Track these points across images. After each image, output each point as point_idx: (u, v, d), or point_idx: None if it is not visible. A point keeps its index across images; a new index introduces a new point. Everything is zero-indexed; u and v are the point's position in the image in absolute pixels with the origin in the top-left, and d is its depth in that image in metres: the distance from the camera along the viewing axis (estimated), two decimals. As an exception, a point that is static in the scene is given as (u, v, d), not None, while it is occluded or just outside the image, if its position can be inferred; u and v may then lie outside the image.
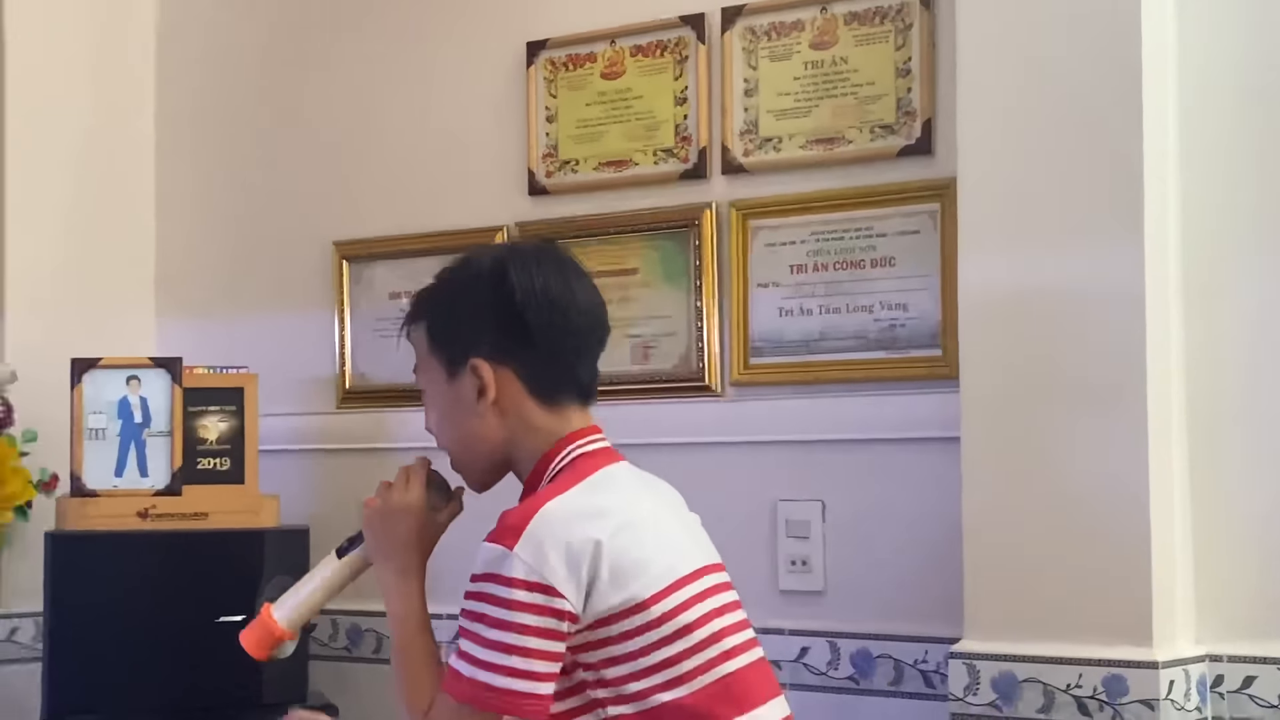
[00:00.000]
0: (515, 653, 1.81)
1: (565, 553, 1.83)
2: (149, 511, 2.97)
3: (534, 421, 1.99)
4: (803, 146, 2.86)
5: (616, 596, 1.84)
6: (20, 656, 3.27)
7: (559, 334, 1.99)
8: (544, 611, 1.81)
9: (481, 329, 1.98)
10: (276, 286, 3.47)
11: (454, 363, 2.00)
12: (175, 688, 2.89)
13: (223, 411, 3.05)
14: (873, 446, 2.76)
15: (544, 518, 1.85)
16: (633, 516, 1.91)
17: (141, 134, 3.62)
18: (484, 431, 1.99)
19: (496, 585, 1.83)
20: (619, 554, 1.85)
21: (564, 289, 2.00)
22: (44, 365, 3.18)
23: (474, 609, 1.85)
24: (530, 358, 1.98)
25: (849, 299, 2.80)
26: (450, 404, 2.02)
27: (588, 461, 1.97)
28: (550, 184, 3.11)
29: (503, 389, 1.98)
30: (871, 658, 2.73)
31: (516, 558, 1.82)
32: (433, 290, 2.08)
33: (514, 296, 1.96)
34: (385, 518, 2.06)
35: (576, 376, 2.02)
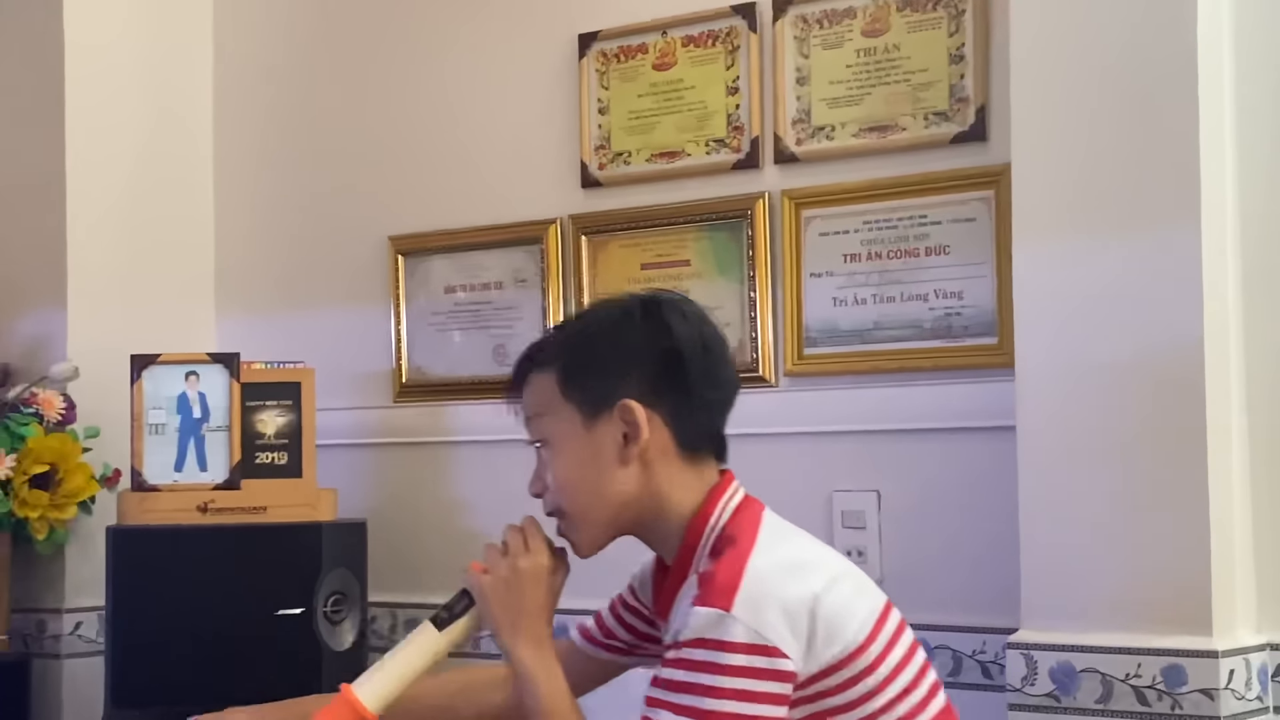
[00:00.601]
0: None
1: (783, 609, 1.68)
2: (208, 505, 3.00)
3: (678, 477, 1.83)
4: (855, 135, 2.84)
5: (833, 648, 1.70)
6: (84, 650, 3.31)
7: (709, 382, 1.85)
8: (767, 675, 1.66)
9: (633, 368, 1.83)
10: (333, 281, 3.49)
11: (594, 406, 1.83)
12: (235, 680, 2.91)
13: (280, 406, 3.08)
14: (928, 436, 2.74)
15: (755, 574, 1.70)
16: (828, 562, 1.80)
17: (200, 132, 3.66)
18: (621, 484, 1.82)
19: (712, 651, 1.66)
20: (831, 604, 1.71)
21: (715, 337, 1.89)
22: (105, 362, 3.21)
23: (683, 679, 1.67)
24: (681, 405, 1.83)
25: (903, 288, 2.79)
26: (584, 454, 1.84)
27: (747, 511, 1.83)
28: (603, 176, 3.11)
29: (651, 437, 1.81)
30: (929, 648, 2.69)
31: (734, 619, 1.66)
32: (566, 333, 1.93)
33: (671, 336, 1.83)
34: (515, 586, 1.86)
35: (717, 430, 1.88)
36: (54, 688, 3.30)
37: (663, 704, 1.68)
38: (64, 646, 3.31)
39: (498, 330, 3.25)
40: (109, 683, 2.93)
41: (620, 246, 3.09)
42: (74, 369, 3.28)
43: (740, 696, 1.66)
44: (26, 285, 3.47)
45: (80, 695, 3.26)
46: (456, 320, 3.31)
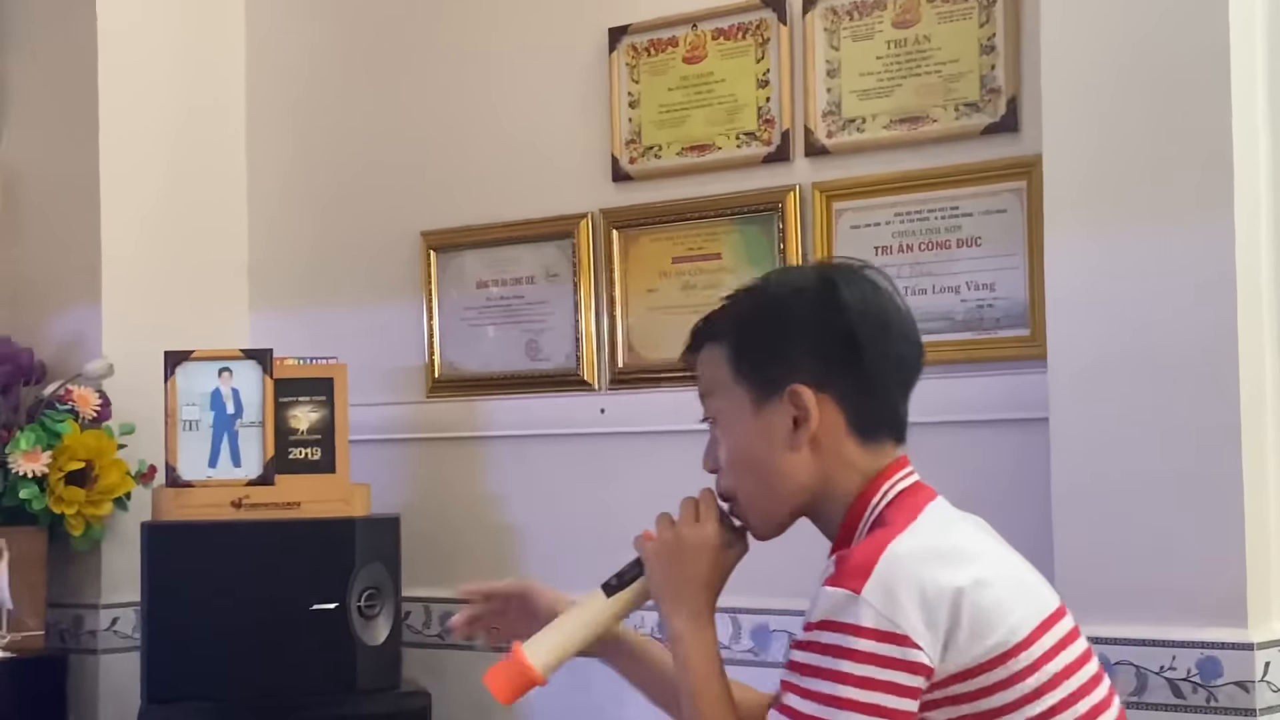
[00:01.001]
0: (862, 710, 1.57)
1: (920, 598, 1.59)
2: (242, 501, 3.01)
3: (849, 460, 1.75)
4: (886, 127, 2.83)
5: (980, 646, 1.60)
6: (121, 646, 3.33)
7: (887, 362, 1.75)
8: (896, 664, 1.57)
9: (804, 350, 1.74)
10: (366, 277, 3.50)
11: (764, 389, 1.75)
12: (270, 674, 2.92)
13: (313, 402, 3.09)
14: (960, 428, 2.73)
15: (893, 558, 1.61)
16: (985, 555, 1.70)
17: (232, 129, 3.67)
18: (793, 469, 1.74)
19: (839, 634, 1.59)
20: (980, 599, 1.61)
21: (896, 312, 1.78)
22: (140, 359, 3.22)
23: (808, 661, 1.61)
24: (855, 387, 1.74)
25: (935, 280, 2.78)
26: (754, 437, 1.76)
27: (911, 496, 1.74)
28: (634, 170, 3.11)
29: (823, 421, 1.73)
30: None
31: (865, 603, 1.58)
32: (740, 306, 1.82)
33: (847, 316, 1.73)
34: (678, 554, 1.81)
35: (897, 411, 1.78)
36: (91, 683, 3.32)
37: (793, 687, 1.63)
38: (101, 642, 3.33)
39: (529, 325, 3.25)
40: (145, 678, 2.95)
41: (651, 240, 3.08)
42: (109, 366, 3.30)
43: (866, 684, 1.58)
44: (61, 283, 3.49)
45: (117, 690, 3.28)
46: (488, 315, 3.31)
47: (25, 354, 3.39)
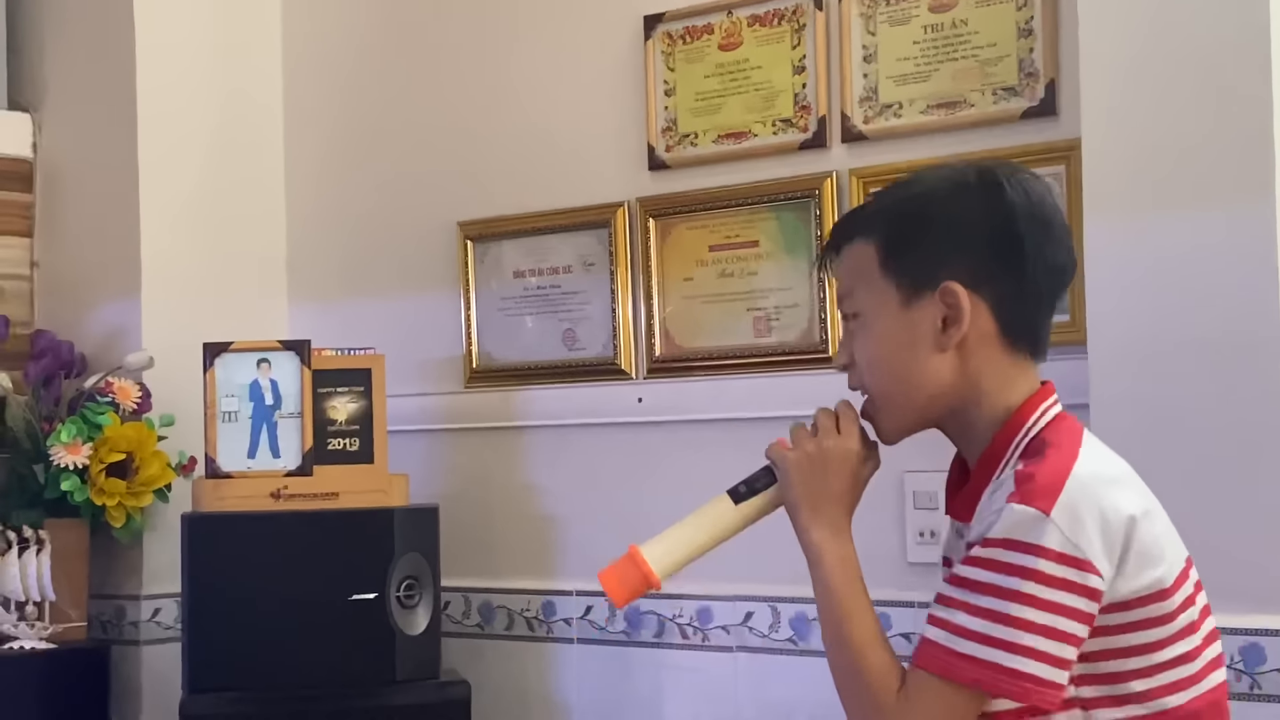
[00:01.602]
0: (1038, 632, 1.54)
1: (1101, 524, 1.56)
2: (281, 492, 3.02)
3: (995, 367, 1.68)
4: (923, 112, 2.82)
5: (1143, 579, 1.58)
6: (162, 637, 3.35)
7: (1047, 265, 1.68)
8: (1076, 589, 1.54)
9: (964, 247, 1.67)
10: (403, 268, 3.51)
11: (915, 285, 1.68)
12: (310, 665, 2.93)
13: (351, 392, 3.09)
14: (1001, 415, 2.71)
15: (1079, 482, 1.57)
16: (1143, 490, 1.66)
17: (270, 121, 3.68)
18: (935, 371, 1.68)
19: (1023, 554, 1.55)
20: (1147, 532, 1.59)
21: (1057, 214, 1.71)
22: (180, 351, 3.24)
23: (983, 579, 1.57)
24: (1012, 290, 1.67)
25: (974, 266, 2.76)
26: (899, 335, 1.69)
27: (1069, 422, 1.69)
28: (670, 158, 3.10)
29: (974, 322, 1.66)
30: (1003, 629, 2.68)
31: (1053, 524, 1.54)
32: (892, 200, 1.75)
33: (1013, 212, 1.66)
34: (820, 465, 1.74)
35: (1043, 324, 1.73)
36: (133, 673, 3.35)
37: (959, 604, 1.58)
38: (143, 633, 3.35)
39: (566, 315, 3.25)
40: (186, 668, 2.96)
41: (688, 229, 3.07)
42: (149, 358, 3.31)
43: (1046, 607, 1.54)
44: (102, 277, 3.52)
45: (159, 681, 3.30)
46: (526, 305, 3.31)
47: (66, 347, 3.41)
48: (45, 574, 3.15)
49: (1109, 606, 1.57)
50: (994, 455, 1.69)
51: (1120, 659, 1.59)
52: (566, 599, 3.20)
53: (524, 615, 3.25)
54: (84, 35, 3.57)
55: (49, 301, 3.60)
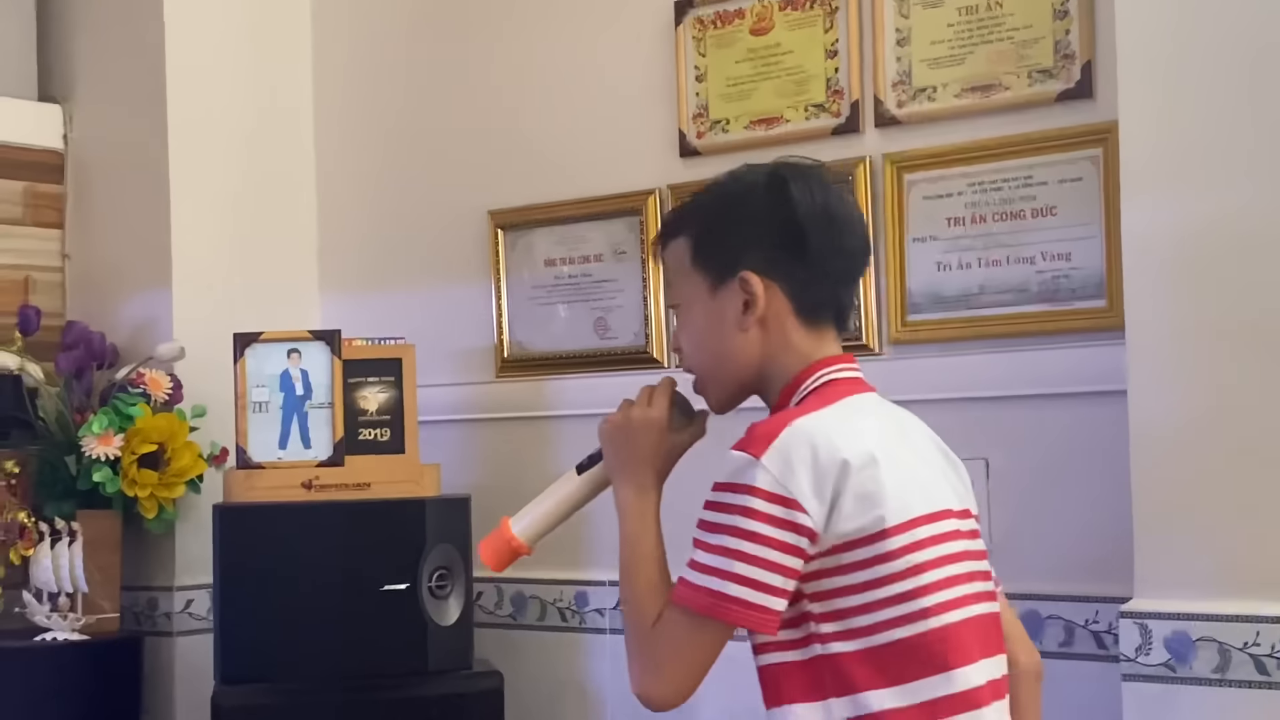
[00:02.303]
0: (752, 562, 1.75)
1: (813, 467, 1.77)
2: (312, 482, 3.01)
3: (793, 340, 1.91)
4: (958, 95, 2.78)
5: (860, 519, 1.77)
6: (195, 628, 3.35)
7: (833, 252, 1.91)
8: (784, 525, 1.75)
9: (755, 240, 1.91)
10: (434, 257, 3.49)
11: (721, 274, 1.92)
12: (342, 655, 2.93)
13: (382, 382, 3.08)
14: (1037, 402, 2.69)
15: (794, 430, 1.79)
16: (883, 443, 1.83)
17: (300, 112, 3.67)
18: (742, 348, 1.92)
19: (738, 494, 1.77)
20: (867, 477, 1.78)
21: (840, 207, 1.94)
22: (210, 341, 3.23)
23: (711, 519, 1.80)
24: (801, 274, 1.90)
25: (1009, 251, 2.73)
26: (710, 319, 1.94)
27: (840, 386, 1.90)
28: (701, 145, 3.08)
29: (769, 304, 1.90)
30: (1040, 618, 2.66)
31: (762, 467, 1.77)
32: (699, 202, 2.00)
33: (795, 208, 1.89)
34: (625, 432, 1.98)
35: (839, 299, 1.95)
36: (166, 664, 3.35)
37: (698, 543, 1.80)
38: (175, 624, 3.35)
39: (598, 303, 3.22)
40: (218, 659, 2.95)
41: (720, 216, 3.04)
42: (179, 349, 3.31)
43: (756, 539, 1.76)
44: (132, 268, 3.51)
45: (192, 671, 3.29)
46: (557, 294, 3.29)
47: (97, 338, 3.41)
48: (77, 565, 3.15)
49: (834, 547, 1.77)
50: (775, 410, 1.92)
51: (846, 595, 1.78)
52: (599, 589, 3.18)
53: (556, 605, 3.24)
54: (114, 26, 3.56)
55: (80, 293, 3.60)
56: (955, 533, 1.87)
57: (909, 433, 1.96)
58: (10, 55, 3.57)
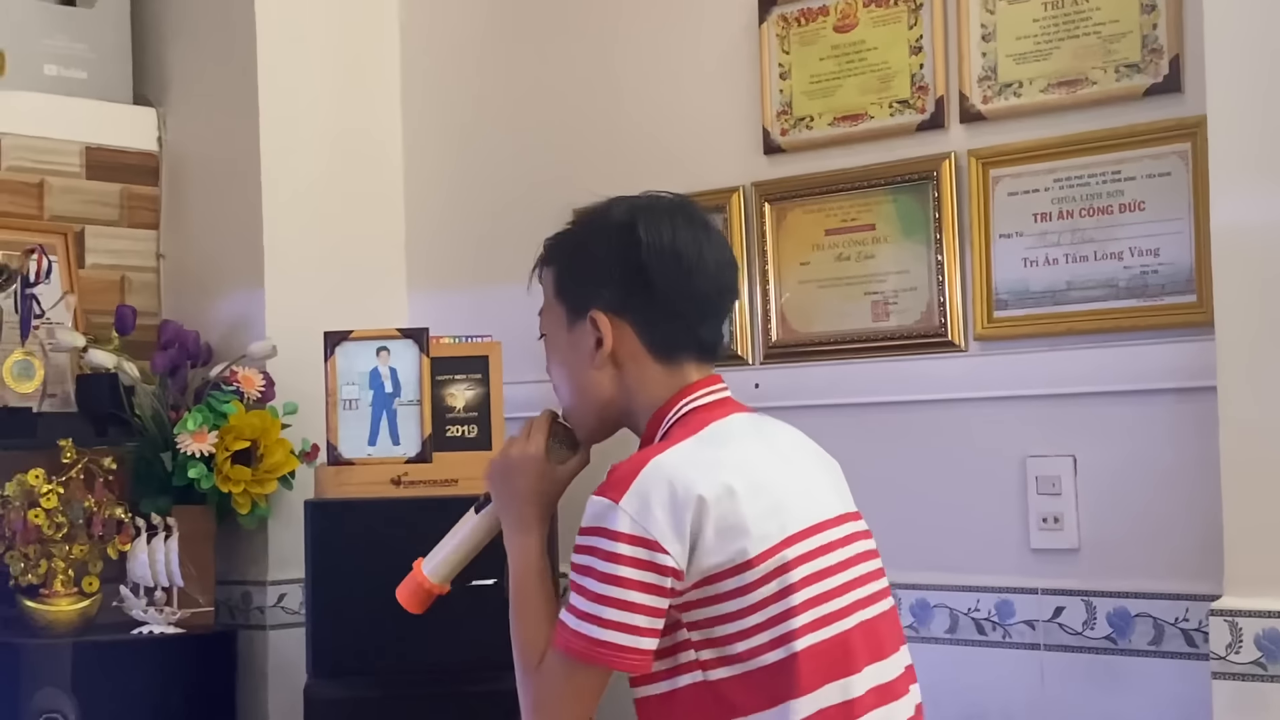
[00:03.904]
0: (617, 606, 1.79)
1: (670, 507, 1.79)
2: (401, 479, 3.05)
3: (649, 377, 1.95)
4: (1044, 90, 2.77)
5: (723, 553, 1.80)
6: (288, 622, 3.39)
7: (681, 294, 1.94)
8: (647, 566, 1.78)
9: (603, 280, 1.95)
10: (519, 255, 3.47)
11: (574, 311, 1.98)
12: (431, 649, 2.95)
13: (469, 380, 3.11)
14: (1126, 398, 2.66)
15: (651, 471, 1.82)
16: (744, 470, 1.86)
17: (388, 111, 3.71)
18: (598, 383, 1.96)
19: (601, 539, 1.81)
20: (726, 510, 1.81)
21: (692, 248, 1.95)
22: (301, 339, 3.27)
23: (580, 562, 1.84)
24: (650, 314, 1.94)
25: (1097, 246, 2.71)
26: (568, 353, 2.00)
27: (703, 414, 1.93)
28: (785, 142, 3.08)
29: (620, 343, 1.94)
30: (1129, 617, 2.64)
31: (622, 511, 1.80)
32: (564, 236, 2.05)
33: (639, 250, 1.93)
34: (503, 471, 2.04)
35: (698, 337, 1.98)
36: (260, 658, 3.40)
37: (574, 586, 1.85)
38: (268, 618, 3.40)
39: (683, 300, 3.23)
40: (310, 652, 2.99)
41: (804, 213, 3.05)
42: (272, 347, 3.36)
43: (620, 583, 1.78)
44: (226, 267, 3.57)
45: (284, 665, 3.34)
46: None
47: (192, 337, 3.47)
48: (173, 560, 3.21)
49: (701, 580, 1.80)
50: (643, 448, 1.94)
51: (721, 625, 1.81)
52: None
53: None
54: (207, 31, 3.62)
55: (175, 292, 3.67)
56: (831, 544, 1.89)
57: (777, 447, 1.96)
58: (106, 60, 3.64)
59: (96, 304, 3.53)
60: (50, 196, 3.53)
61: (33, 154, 3.51)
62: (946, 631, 2.83)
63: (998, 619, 2.77)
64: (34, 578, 3.12)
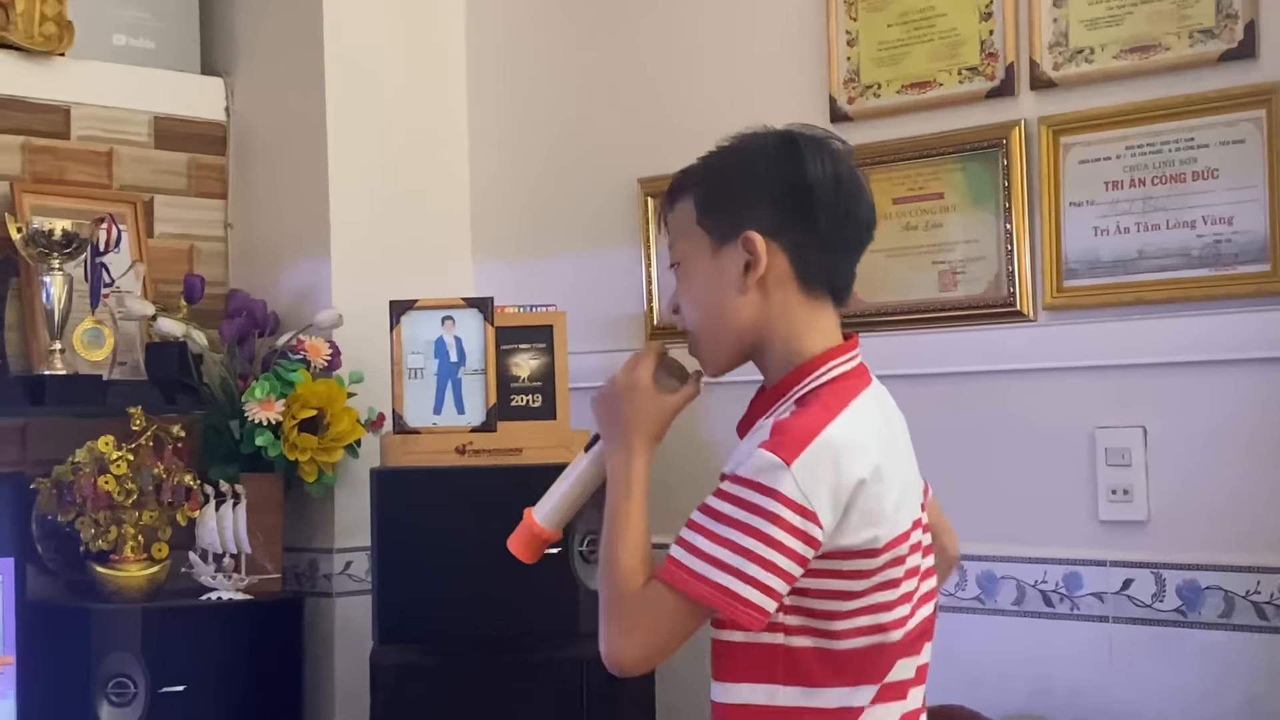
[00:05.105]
0: (762, 565, 1.76)
1: (834, 485, 1.78)
2: (466, 448, 3.05)
3: (791, 307, 1.90)
4: (1116, 56, 2.73)
5: (860, 535, 1.80)
6: (354, 589, 3.42)
7: (838, 222, 1.90)
8: (799, 535, 1.76)
9: (762, 201, 1.90)
10: (584, 225, 3.51)
11: (724, 234, 1.91)
12: (496, 616, 2.96)
13: (534, 349, 3.11)
14: (1197, 369, 2.63)
15: (823, 444, 1.79)
16: (889, 456, 1.86)
17: (453, 82, 3.72)
18: (740, 309, 1.90)
19: (762, 495, 1.77)
20: (873, 496, 1.80)
21: (852, 177, 1.93)
22: (367, 309, 3.28)
23: (725, 510, 1.79)
24: (805, 240, 1.89)
25: (1169, 215, 2.67)
26: (709, 279, 1.93)
27: (848, 382, 1.89)
28: (852, 110, 3.06)
29: (770, 267, 1.88)
30: (1199, 589, 2.61)
31: (791, 475, 1.76)
32: (707, 163, 1.99)
33: (805, 172, 1.88)
34: (609, 399, 1.99)
35: (840, 270, 1.94)
36: (326, 624, 3.42)
37: (702, 529, 1.80)
38: (335, 585, 3.42)
39: (748, 270, 3.22)
40: (375, 619, 3.01)
41: (872, 181, 2.94)
42: (338, 316, 3.37)
43: (771, 544, 1.76)
44: (292, 237, 3.59)
45: (351, 632, 3.36)
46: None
47: (259, 306, 3.49)
48: (241, 527, 3.23)
49: (826, 554, 1.79)
50: (777, 393, 1.91)
51: (833, 600, 1.81)
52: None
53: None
54: (272, 4, 3.63)
55: (242, 262, 3.69)
56: (918, 545, 1.90)
57: (895, 428, 1.95)
58: (174, 30, 3.66)
59: (165, 273, 3.55)
60: (119, 166, 3.56)
61: (102, 123, 3.54)
62: (1013, 603, 2.81)
63: (1065, 591, 2.75)
64: (104, 544, 3.15)
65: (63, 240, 3.18)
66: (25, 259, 3.24)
